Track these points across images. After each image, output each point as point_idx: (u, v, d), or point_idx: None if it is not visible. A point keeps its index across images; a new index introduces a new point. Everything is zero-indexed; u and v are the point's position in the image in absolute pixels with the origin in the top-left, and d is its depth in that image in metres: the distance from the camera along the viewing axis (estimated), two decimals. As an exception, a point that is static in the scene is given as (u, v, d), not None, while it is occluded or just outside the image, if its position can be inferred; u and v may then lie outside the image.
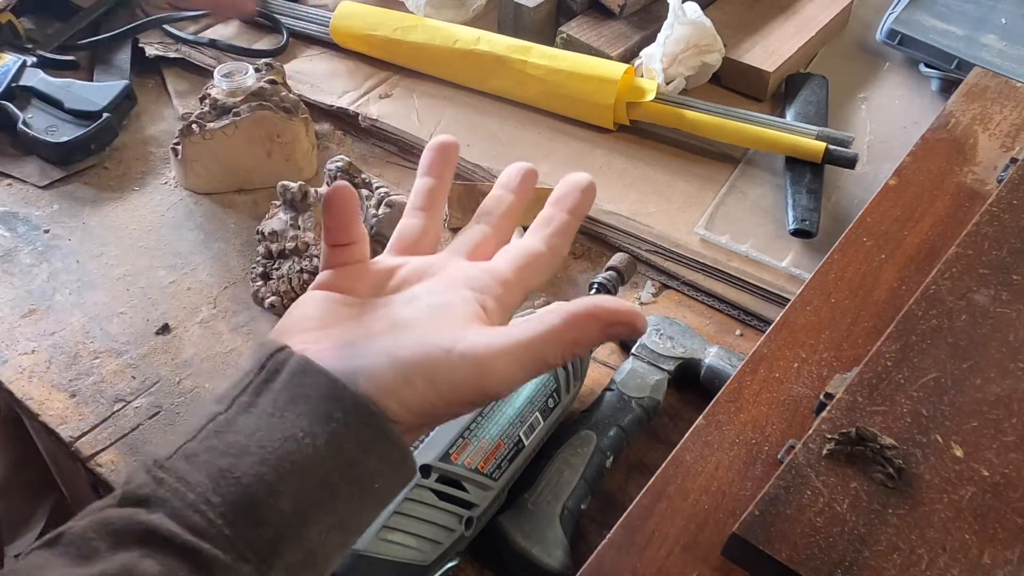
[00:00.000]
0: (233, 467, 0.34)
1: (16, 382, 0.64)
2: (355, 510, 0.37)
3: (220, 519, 0.33)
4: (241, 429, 0.36)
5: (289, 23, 0.95)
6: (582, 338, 0.38)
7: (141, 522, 0.33)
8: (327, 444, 0.35)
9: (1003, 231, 0.57)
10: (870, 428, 0.46)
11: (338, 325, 0.41)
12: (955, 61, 0.88)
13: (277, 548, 0.34)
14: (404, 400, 0.37)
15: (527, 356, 0.37)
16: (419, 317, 0.40)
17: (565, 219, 0.45)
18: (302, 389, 0.36)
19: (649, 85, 0.83)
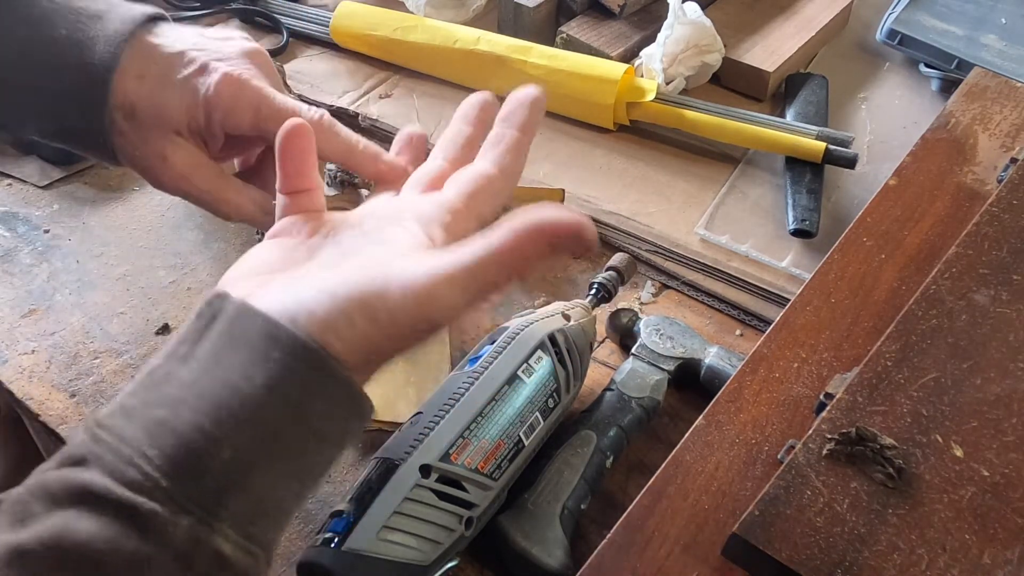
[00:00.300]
0: (170, 418, 0.33)
1: (16, 382, 0.64)
2: (306, 453, 0.35)
3: (157, 472, 0.32)
4: (178, 380, 0.34)
5: (289, 23, 0.95)
6: (529, 256, 0.36)
7: (77, 481, 0.32)
8: (266, 387, 0.34)
9: (1003, 231, 0.57)
10: (870, 428, 0.46)
11: (286, 268, 0.41)
12: (955, 61, 0.88)
13: (221, 498, 0.33)
14: (345, 338, 0.35)
15: (471, 280, 0.35)
16: (363, 252, 0.39)
17: (514, 136, 0.43)
18: (239, 332, 0.35)
19: (649, 85, 0.83)
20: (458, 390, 0.54)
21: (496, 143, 0.43)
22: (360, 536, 0.48)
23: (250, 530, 0.34)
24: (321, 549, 0.49)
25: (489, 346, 0.57)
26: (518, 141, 0.43)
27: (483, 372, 0.55)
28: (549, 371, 0.57)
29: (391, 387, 0.63)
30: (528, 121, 0.43)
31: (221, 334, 0.35)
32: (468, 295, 0.36)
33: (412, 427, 0.53)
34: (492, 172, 0.42)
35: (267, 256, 0.42)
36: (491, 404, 0.54)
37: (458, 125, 0.46)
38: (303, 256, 0.42)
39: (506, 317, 0.64)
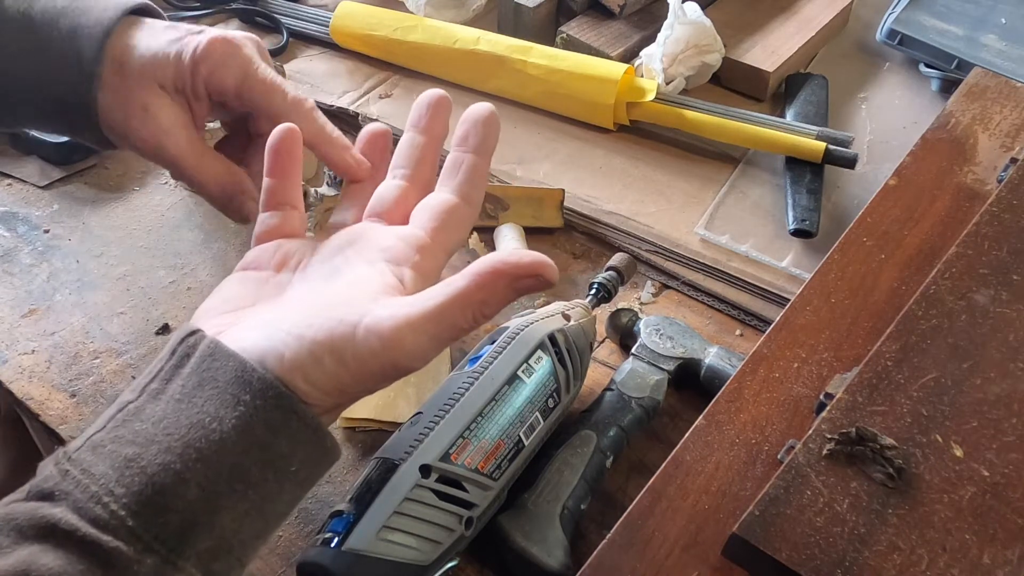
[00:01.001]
0: (139, 456, 0.33)
1: (16, 382, 0.64)
2: (271, 495, 0.36)
3: (123, 510, 0.32)
4: (148, 417, 0.35)
5: (289, 23, 0.95)
6: (490, 298, 0.37)
7: (44, 516, 0.32)
8: (235, 428, 0.34)
9: (1003, 231, 0.57)
10: (870, 428, 0.46)
11: (257, 304, 0.41)
12: (955, 61, 0.88)
13: (186, 537, 0.33)
14: (313, 379, 0.36)
15: (436, 325, 0.36)
16: (332, 293, 0.40)
17: (473, 162, 0.43)
18: (210, 373, 0.36)
19: (649, 85, 0.83)
20: (458, 390, 0.54)
21: (455, 170, 0.43)
22: (360, 536, 0.48)
23: (213, 567, 0.34)
24: (321, 549, 0.49)
25: (489, 346, 0.57)
26: (477, 166, 0.43)
27: (483, 372, 0.55)
28: (549, 371, 0.57)
29: (391, 387, 0.63)
30: (485, 143, 0.43)
31: (192, 373, 0.36)
32: (433, 340, 0.37)
33: (412, 427, 0.53)
34: (455, 202, 0.43)
35: (238, 290, 0.43)
36: (491, 404, 0.54)
37: (411, 134, 0.46)
38: (272, 291, 0.42)
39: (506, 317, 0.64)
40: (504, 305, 0.37)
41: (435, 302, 0.36)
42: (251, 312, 0.40)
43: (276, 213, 0.46)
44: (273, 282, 0.43)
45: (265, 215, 0.46)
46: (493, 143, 0.44)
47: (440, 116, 0.46)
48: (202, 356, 0.36)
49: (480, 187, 0.44)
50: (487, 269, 0.37)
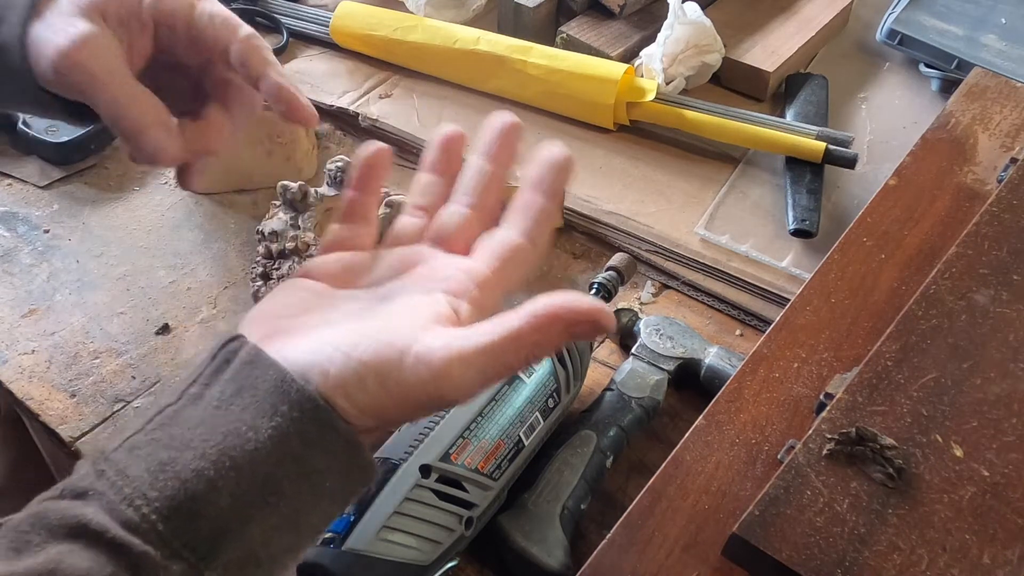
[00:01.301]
0: (173, 461, 0.33)
1: (16, 382, 0.64)
2: (303, 509, 0.35)
3: (155, 514, 0.32)
4: (186, 421, 0.35)
5: (289, 23, 0.95)
6: (545, 340, 0.36)
7: (75, 515, 0.32)
8: (270, 439, 0.34)
9: (1003, 231, 0.57)
10: (870, 428, 0.46)
11: (307, 315, 0.40)
12: (955, 61, 0.88)
13: (216, 545, 0.33)
14: (354, 399, 0.36)
15: (487, 362, 0.36)
16: (386, 316, 0.39)
17: (543, 206, 0.42)
18: (250, 380, 0.35)
19: (649, 85, 0.83)
20: (458, 390, 0.54)
21: (524, 211, 0.42)
22: (360, 536, 0.48)
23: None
24: (321, 549, 0.49)
25: (489, 346, 0.57)
26: (547, 211, 0.42)
27: (483, 372, 0.55)
28: (549, 371, 0.57)
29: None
30: (557, 187, 0.43)
31: (232, 380, 0.36)
32: (482, 376, 0.36)
33: (412, 427, 0.53)
34: (521, 243, 0.42)
35: (291, 297, 0.42)
36: (491, 404, 0.54)
37: (480, 161, 0.45)
38: (325, 303, 0.41)
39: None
40: (557, 349, 0.36)
41: (489, 338, 0.36)
42: (301, 322, 0.40)
43: (351, 226, 0.45)
44: (328, 294, 0.42)
45: (338, 227, 0.45)
46: (564, 186, 0.43)
47: (510, 144, 0.45)
48: (242, 363, 0.36)
49: (547, 231, 0.43)
50: (544, 311, 0.36)
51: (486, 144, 0.44)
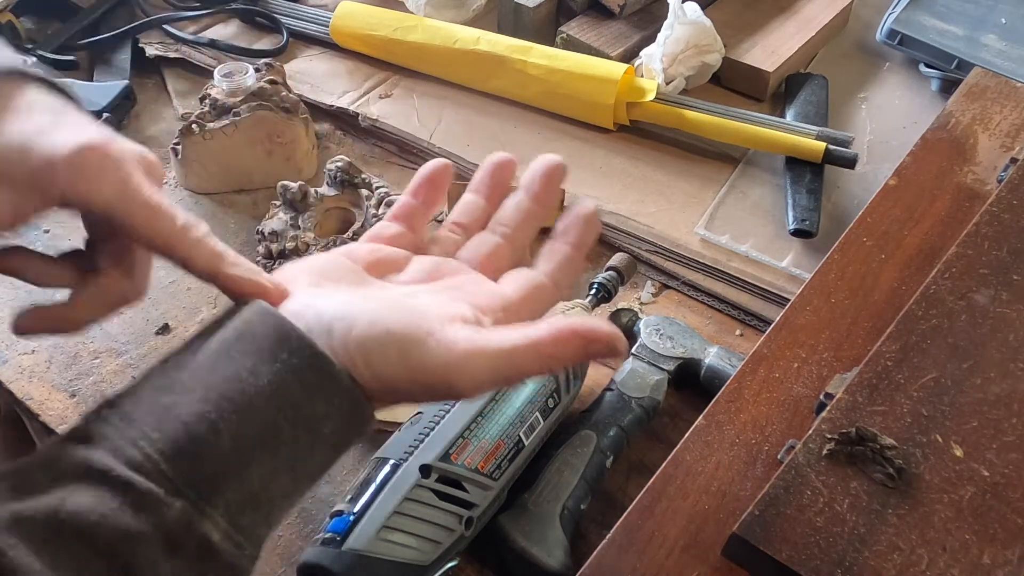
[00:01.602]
0: (176, 404, 0.35)
1: (16, 382, 0.64)
2: (302, 455, 0.36)
3: (158, 454, 0.33)
4: (187, 366, 0.36)
5: (289, 23, 0.95)
6: (562, 355, 0.38)
7: (81, 457, 0.34)
8: (270, 384, 0.35)
9: (1003, 231, 0.57)
10: (870, 428, 0.46)
11: (339, 283, 0.42)
12: (955, 61, 0.88)
13: (216, 486, 0.34)
14: (372, 362, 0.37)
15: (503, 363, 0.37)
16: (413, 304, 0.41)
17: (570, 254, 0.45)
18: (249, 328, 0.37)
19: (649, 85, 0.83)
20: (458, 390, 0.54)
21: (552, 256, 0.45)
22: (360, 536, 0.48)
23: (240, 521, 0.35)
24: (321, 549, 0.49)
25: (489, 346, 0.57)
26: (573, 260, 0.45)
27: (483, 372, 0.55)
28: (549, 371, 0.57)
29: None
30: (584, 238, 0.45)
31: (235, 328, 0.37)
32: (496, 375, 0.37)
33: (412, 427, 0.53)
34: (547, 284, 0.44)
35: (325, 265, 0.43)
36: (491, 404, 0.54)
37: (523, 198, 0.47)
38: (354, 280, 0.43)
39: (506, 317, 0.64)
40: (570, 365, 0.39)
41: (511, 342, 0.37)
42: (333, 284, 0.42)
43: (395, 226, 0.47)
44: (360, 274, 0.44)
45: (386, 223, 0.47)
46: (592, 239, 0.45)
47: (553, 186, 0.47)
48: (249, 311, 0.38)
49: (571, 278, 0.45)
50: (566, 327, 0.38)
51: (532, 182, 0.47)
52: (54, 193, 0.40)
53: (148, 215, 0.41)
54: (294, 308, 0.39)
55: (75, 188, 0.40)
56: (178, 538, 0.33)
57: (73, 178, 0.40)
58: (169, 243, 0.41)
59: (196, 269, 0.41)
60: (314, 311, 0.38)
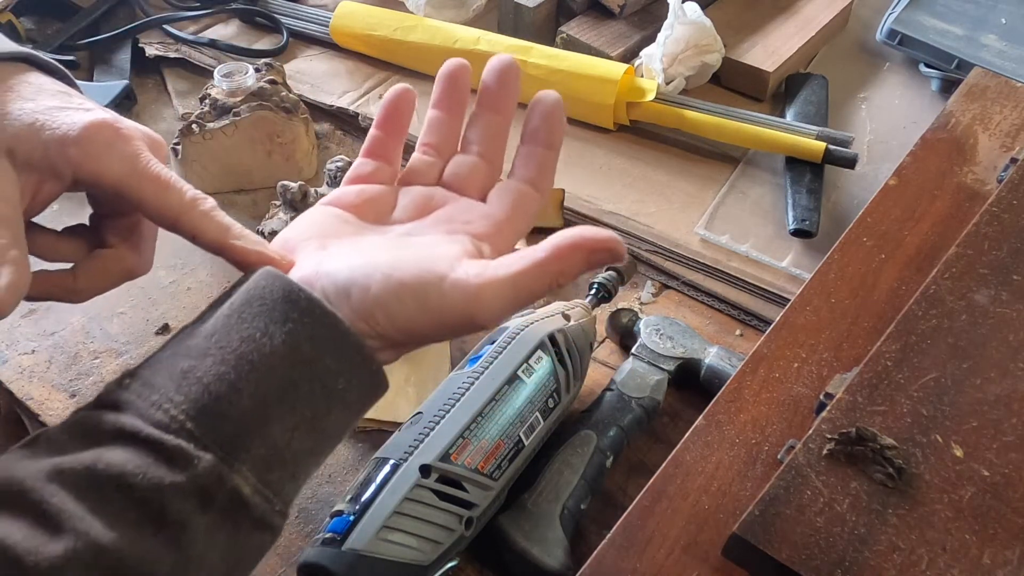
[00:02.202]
0: (194, 368, 0.36)
1: (16, 382, 0.64)
2: (320, 412, 0.38)
3: (182, 415, 0.35)
4: (201, 333, 0.37)
5: (289, 23, 0.95)
6: (567, 269, 0.40)
7: (110, 421, 0.35)
8: (284, 343, 0.36)
9: (1003, 231, 0.57)
10: (870, 428, 0.46)
11: (338, 239, 0.43)
12: (955, 61, 0.88)
13: (240, 442, 0.35)
14: (392, 315, 0.39)
15: (516, 288, 0.39)
16: (419, 248, 0.42)
17: (544, 155, 0.46)
18: (257, 291, 0.38)
19: (649, 85, 0.83)
20: (458, 390, 0.54)
21: (528, 161, 0.46)
22: (360, 536, 0.48)
23: (267, 477, 0.36)
24: (321, 549, 0.49)
25: (489, 346, 0.57)
26: (549, 159, 0.47)
27: (483, 372, 0.55)
28: (549, 371, 0.57)
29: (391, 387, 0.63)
30: (554, 134, 0.46)
31: (245, 294, 0.38)
32: (510, 302, 0.39)
33: (412, 427, 0.53)
34: (530, 191, 0.46)
35: (320, 221, 0.45)
36: (491, 404, 0.54)
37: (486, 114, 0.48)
38: (351, 231, 0.44)
39: (506, 317, 0.64)
40: (578, 276, 0.41)
41: (518, 267, 0.39)
42: (335, 242, 0.43)
43: (371, 162, 0.48)
44: (354, 223, 0.45)
45: (361, 161, 0.48)
46: (561, 134, 0.47)
47: (511, 89, 0.47)
48: (254, 279, 0.39)
49: (550, 177, 0.47)
50: (566, 242, 0.40)
51: (488, 92, 0.47)
52: (67, 172, 0.42)
53: (157, 189, 0.42)
54: (303, 275, 0.40)
55: (86, 165, 0.42)
56: (210, 490, 0.34)
57: (84, 155, 0.41)
58: (178, 216, 0.43)
59: (204, 241, 0.43)
60: (328, 278, 0.39)
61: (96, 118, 0.42)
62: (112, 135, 0.42)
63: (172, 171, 0.44)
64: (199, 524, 0.34)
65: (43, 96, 0.43)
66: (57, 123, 0.41)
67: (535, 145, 0.46)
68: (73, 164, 0.41)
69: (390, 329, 0.39)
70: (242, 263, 0.43)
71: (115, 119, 0.43)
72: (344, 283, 0.39)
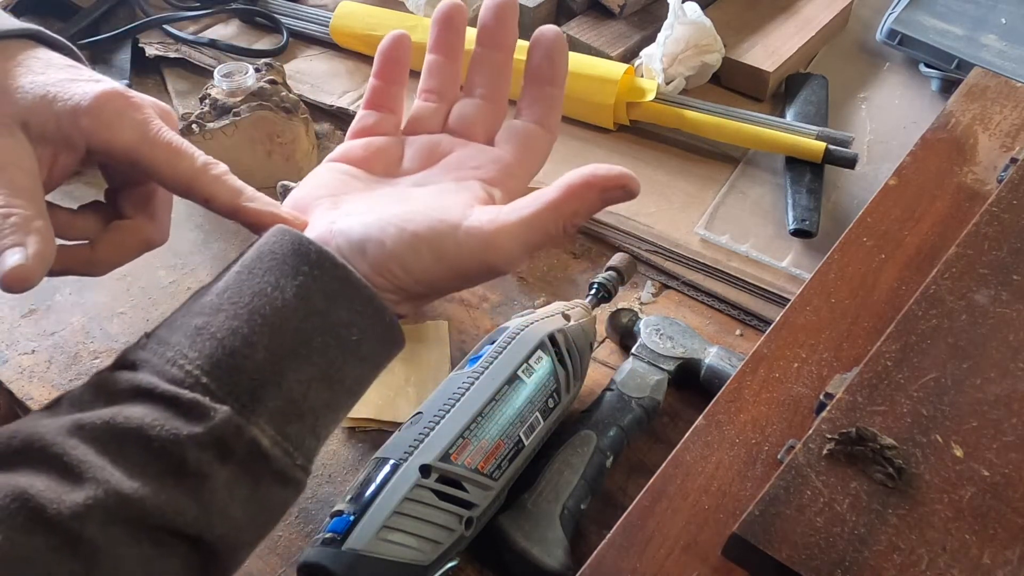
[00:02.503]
0: (207, 324, 0.37)
1: (16, 382, 0.64)
2: (335, 363, 0.38)
3: (197, 370, 0.35)
4: (213, 290, 0.38)
5: (289, 23, 0.95)
6: (581, 208, 0.40)
7: (127, 379, 0.36)
8: (296, 296, 0.37)
9: (1003, 231, 0.57)
10: (870, 428, 0.46)
11: (349, 195, 0.43)
12: (955, 61, 0.88)
13: (256, 394, 0.36)
14: (409, 267, 0.39)
15: (530, 231, 0.39)
16: (428, 197, 0.42)
17: (551, 93, 0.46)
18: (267, 247, 0.38)
19: (649, 85, 0.83)
20: (458, 390, 0.54)
21: (534, 100, 0.46)
22: (360, 536, 0.48)
23: (286, 430, 0.36)
24: (321, 549, 0.49)
25: (489, 346, 0.57)
26: (555, 97, 0.46)
27: (483, 372, 0.55)
28: (549, 371, 0.57)
29: (391, 387, 0.63)
30: (558, 71, 0.46)
31: (256, 250, 0.39)
32: (526, 245, 0.39)
33: (412, 427, 0.53)
34: (538, 130, 0.46)
35: (329, 178, 0.45)
36: (491, 404, 0.54)
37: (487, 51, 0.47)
38: (361, 186, 0.44)
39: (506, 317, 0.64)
40: (591, 215, 0.41)
41: (531, 210, 0.39)
42: (346, 200, 0.43)
43: (373, 113, 0.48)
44: (363, 178, 0.45)
45: (364, 113, 0.48)
46: (565, 70, 0.46)
47: (509, 25, 0.47)
48: (264, 236, 0.39)
49: (557, 114, 0.47)
50: (578, 181, 0.40)
51: (487, 29, 0.47)
52: (81, 142, 0.43)
53: (170, 155, 0.43)
54: (318, 234, 0.40)
55: (98, 133, 0.42)
56: (228, 442, 0.35)
57: (96, 124, 0.42)
58: (191, 182, 0.43)
59: (217, 205, 0.43)
60: (342, 236, 0.40)
61: (107, 87, 0.42)
62: (123, 103, 0.42)
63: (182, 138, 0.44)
64: (219, 475, 0.34)
65: (53, 70, 0.43)
66: (68, 94, 0.42)
67: (540, 83, 0.46)
68: (86, 133, 0.42)
69: (408, 281, 0.39)
70: (256, 225, 0.43)
71: (125, 89, 0.43)
72: (359, 239, 0.39)
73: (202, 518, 0.34)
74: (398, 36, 0.48)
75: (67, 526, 0.31)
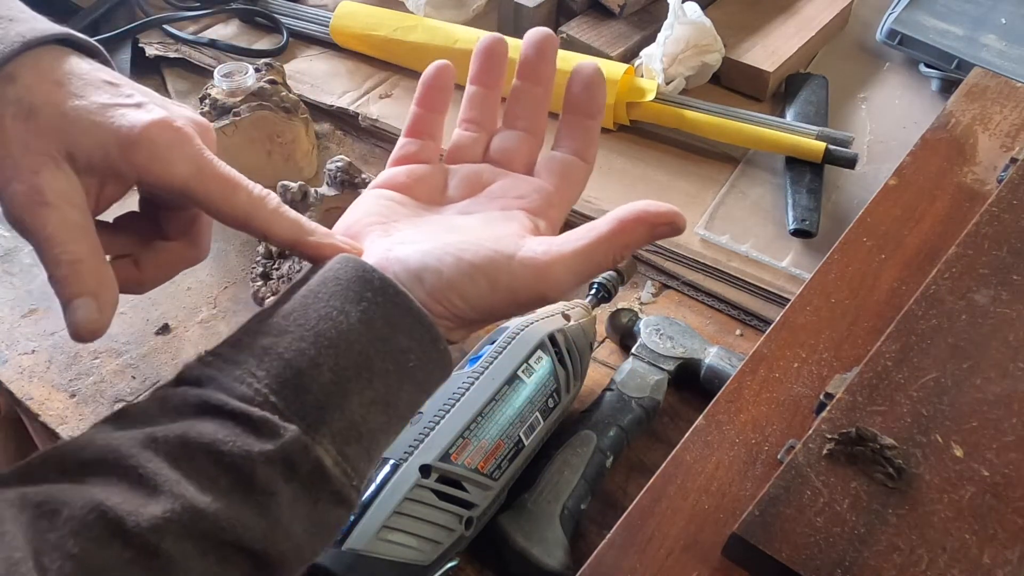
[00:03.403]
0: (274, 344, 0.37)
1: (16, 382, 0.64)
2: (392, 388, 0.39)
3: (266, 388, 0.36)
4: (278, 313, 0.39)
5: (289, 23, 0.95)
6: (630, 241, 0.41)
7: (193, 395, 0.36)
8: (360, 321, 0.38)
9: (1003, 231, 0.57)
10: (870, 428, 0.46)
11: (399, 221, 0.44)
12: (955, 61, 0.88)
13: (321, 415, 0.36)
14: (466, 296, 0.40)
15: (583, 262, 0.41)
16: (478, 228, 0.43)
17: (590, 125, 0.47)
18: (331, 273, 0.39)
19: (649, 85, 0.83)
20: (458, 390, 0.54)
21: (572, 132, 0.48)
22: (360, 536, 0.48)
23: (347, 451, 0.37)
24: (321, 549, 0.49)
25: (489, 346, 0.57)
26: (593, 130, 0.48)
27: (483, 372, 0.55)
28: (549, 371, 0.57)
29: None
30: (596, 104, 0.48)
31: (321, 277, 0.39)
32: (577, 276, 0.41)
33: (412, 427, 0.53)
34: (576, 162, 0.47)
35: (375, 208, 0.45)
36: (491, 404, 0.54)
37: (526, 85, 0.49)
38: (408, 213, 0.45)
39: (506, 317, 0.64)
40: (639, 248, 0.43)
41: (584, 242, 0.41)
42: (396, 227, 0.44)
43: (415, 141, 0.49)
44: (410, 205, 0.46)
45: (405, 140, 0.49)
46: (603, 103, 0.48)
47: (549, 59, 0.49)
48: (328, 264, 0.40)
49: (595, 146, 0.48)
50: (630, 216, 0.41)
51: (529, 63, 0.49)
52: (131, 176, 0.41)
53: (225, 190, 0.41)
54: (374, 261, 0.41)
55: (151, 168, 0.40)
56: (295, 460, 0.35)
57: (149, 159, 0.40)
58: (248, 216, 0.42)
59: (277, 238, 0.43)
60: (399, 264, 0.40)
61: (155, 118, 0.40)
62: (173, 136, 0.40)
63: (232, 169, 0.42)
64: (284, 493, 0.35)
65: (91, 90, 0.41)
66: (114, 123, 0.40)
67: (578, 115, 0.47)
68: (136, 168, 0.40)
69: (464, 309, 0.40)
70: (316, 257, 0.42)
71: (171, 116, 0.41)
72: (416, 268, 0.40)
73: (268, 535, 0.34)
74: (442, 66, 0.49)
75: (145, 539, 0.31)
